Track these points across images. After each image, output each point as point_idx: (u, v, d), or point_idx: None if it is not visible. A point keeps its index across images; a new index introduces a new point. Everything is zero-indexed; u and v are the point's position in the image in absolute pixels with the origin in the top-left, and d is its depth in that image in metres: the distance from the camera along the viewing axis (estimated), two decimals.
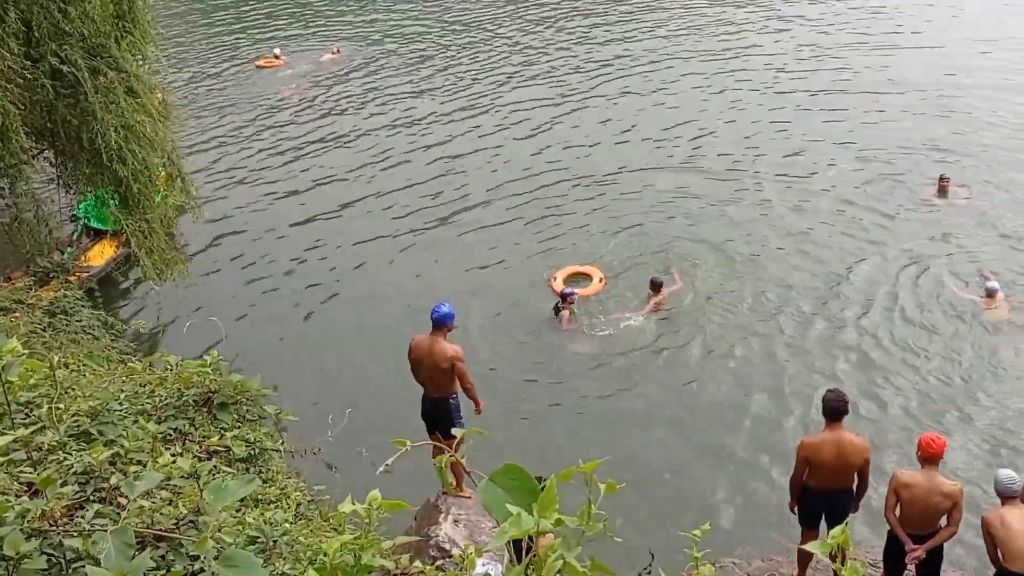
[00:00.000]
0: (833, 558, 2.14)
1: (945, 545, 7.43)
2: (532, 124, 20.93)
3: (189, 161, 16.22)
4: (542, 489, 1.86)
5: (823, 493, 7.62)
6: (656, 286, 13.80)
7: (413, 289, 14.43)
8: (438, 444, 2.81)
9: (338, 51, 26.80)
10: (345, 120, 21.68)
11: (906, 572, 7.57)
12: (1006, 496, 7.06)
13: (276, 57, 25.43)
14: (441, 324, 8.48)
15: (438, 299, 9.08)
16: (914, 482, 7.20)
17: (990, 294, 13.39)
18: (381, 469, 2.33)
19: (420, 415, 8.86)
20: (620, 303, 13.88)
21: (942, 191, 16.12)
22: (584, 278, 14.46)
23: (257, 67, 25.13)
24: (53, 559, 2.58)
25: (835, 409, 7.49)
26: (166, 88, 14.27)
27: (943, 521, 7.28)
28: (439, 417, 8.59)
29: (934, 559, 7.39)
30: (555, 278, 14.37)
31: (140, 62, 11.91)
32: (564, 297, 13.40)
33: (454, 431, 7.01)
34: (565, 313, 13.30)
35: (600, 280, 14.29)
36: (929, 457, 7.17)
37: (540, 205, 17.15)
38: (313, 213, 17.36)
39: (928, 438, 7.25)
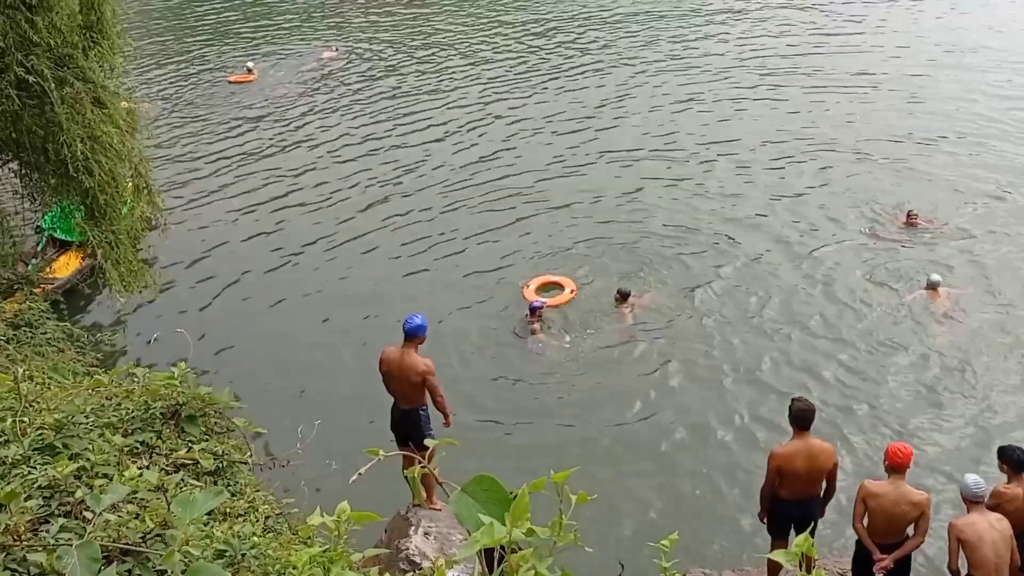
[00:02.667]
0: (802, 566, 2.15)
1: (912, 553, 7.50)
2: (504, 131, 20.96)
3: (159, 173, 16.08)
4: (514, 499, 1.86)
5: (795, 502, 7.68)
6: (624, 296, 13.86)
7: (384, 300, 14.39)
8: (410, 455, 2.80)
9: (336, 50, 27.20)
10: (313, 132, 21.55)
11: None
12: (973, 501, 7.15)
13: (249, 71, 25.20)
14: (413, 336, 8.44)
15: (409, 310, 9.05)
16: (881, 491, 7.26)
17: (932, 286, 13.82)
18: (353, 478, 2.32)
19: (390, 427, 8.83)
20: (592, 313, 13.93)
21: (910, 224, 15.78)
22: (556, 288, 14.48)
23: (231, 82, 24.91)
24: (17, 574, 2.54)
25: (804, 417, 7.56)
26: (134, 99, 14.10)
27: (911, 530, 7.36)
28: (409, 428, 8.56)
29: (902, 568, 7.46)
30: (527, 287, 14.38)
31: (108, 73, 11.78)
32: (532, 310, 13.41)
33: (426, 442, 7.02)
34: (535, 326, 13.31)
35: (571, 291, 14.31)
36: (896, 466, 7.23)
37: (513, 213, 17.16)
38: (281, 225, 17.25)
39: (895, 447, 7.32)
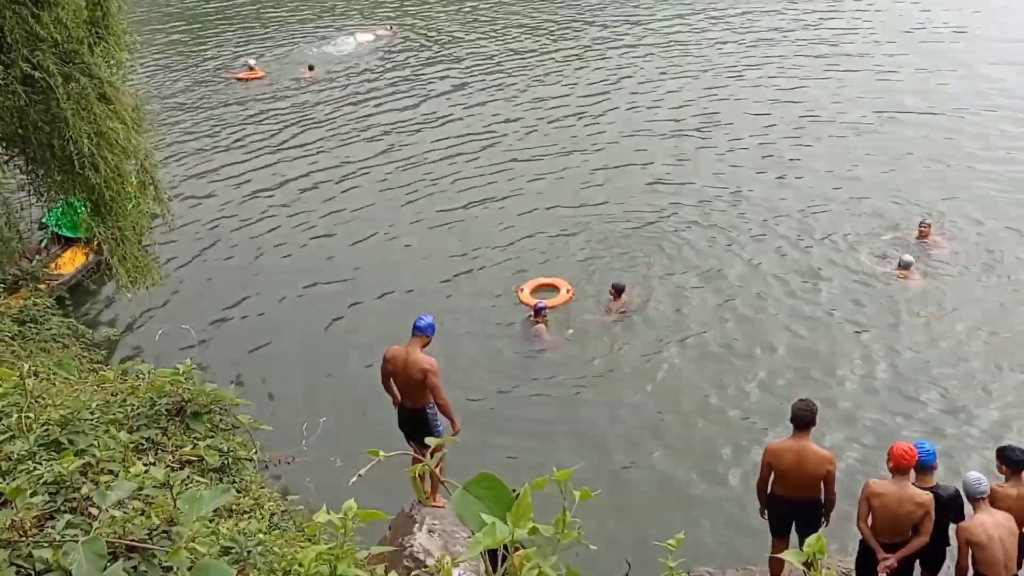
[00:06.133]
0: (808, 565, 2.15)
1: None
2: (493, 137, 20.93)
3: (166, 169, 16.09)
4: (516, 497, 1.86)
5: (790, 501, 7.71)
6: (618, 291, 13.85)
7: (386, 299, 14.40)
8: (415, 455, 2.82)
9: (391, 28, 27.77)
10: (323, 127, 21.55)
11: None
12: (976, 498, 7.14)
13: (250, 68, 25.13)
14: (421, 333, 8.44)
15: (411, 308, 9.04)
16: (885, 491, 7.24)
17: (904, 266, 14.25)
18: (352, 479, 2.32)
19: (397, 425, 8.83)
20: (590, 311, 13.95)
21: (922, 236, 15.22)
22: (551, 289, 14.46)
23: (238, 80, 24.88)
24: (22, 570, 2.55)
25: (797, 417, 7.61)
26: (139, 95, 14.09)
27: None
28: (416, 427, 8.56)
29: (905, 568, 7.44)
30: (522, 290, 14.33)
31: (114, 69, 11.78)
32: (538, 311, 13.39)
33: (427, 440, 7.02)
34: (540, 327, 13.29)
35: (567, 291, 14.29)
36: (901, 467, 7.21)
37: (503, 216, 17.15)
38: (286, 221, 17.28)
39: (900, 449, 7.28)
